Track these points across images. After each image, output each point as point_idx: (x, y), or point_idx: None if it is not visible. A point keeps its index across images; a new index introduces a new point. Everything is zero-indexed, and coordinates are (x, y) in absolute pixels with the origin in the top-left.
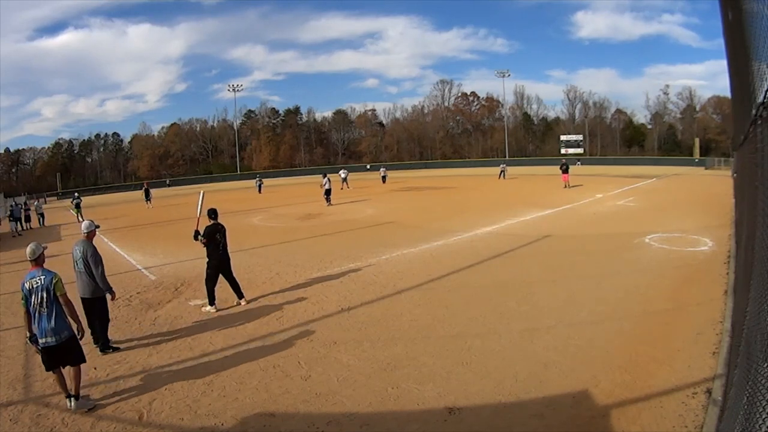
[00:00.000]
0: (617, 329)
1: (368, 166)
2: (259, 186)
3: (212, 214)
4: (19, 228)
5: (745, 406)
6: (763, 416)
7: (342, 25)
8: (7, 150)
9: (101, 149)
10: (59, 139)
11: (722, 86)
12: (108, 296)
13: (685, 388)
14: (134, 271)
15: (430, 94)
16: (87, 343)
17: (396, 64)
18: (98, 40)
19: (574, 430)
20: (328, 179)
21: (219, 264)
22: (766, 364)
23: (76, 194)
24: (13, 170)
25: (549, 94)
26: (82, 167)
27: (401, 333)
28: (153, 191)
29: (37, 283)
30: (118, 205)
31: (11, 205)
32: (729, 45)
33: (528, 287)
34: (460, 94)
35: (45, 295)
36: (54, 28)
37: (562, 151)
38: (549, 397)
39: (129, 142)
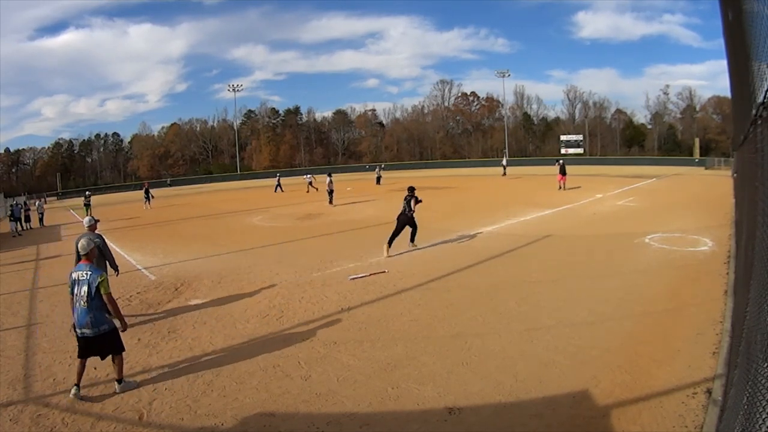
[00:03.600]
0: (617, 329)
1: (367, 166)
2: (278, 185)
3: (410, 189)
4: (19, 228)
5: (745, 406)
6: (763, 416)
7: (343, 25)
8: (7, 150)
9: (101, 149)
10: (59, 139)
11: (722, 86)
12: (115, 274)
13: (685, 388)
14: (134, 271)
15: (430, 94)
16: None
17: (397, 64)
18: (99, 40)
19: (574, 430)
20: (330, 180)
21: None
22: (766, 364)
23: (87, 193)
24: (13, 170)
25: (549, 94)
26: (82, 167)
27: (401, 333)
28: (152, 191)
29: (83, 276)
30: (118, 205)
31: (11, 205)
32: (729, 45)
33: (528, 287)
34: (460, 94)
35: (87, 290)
36: (55, 27)
37: (562, 151)
38: (549, 397)
39: (129, 142)
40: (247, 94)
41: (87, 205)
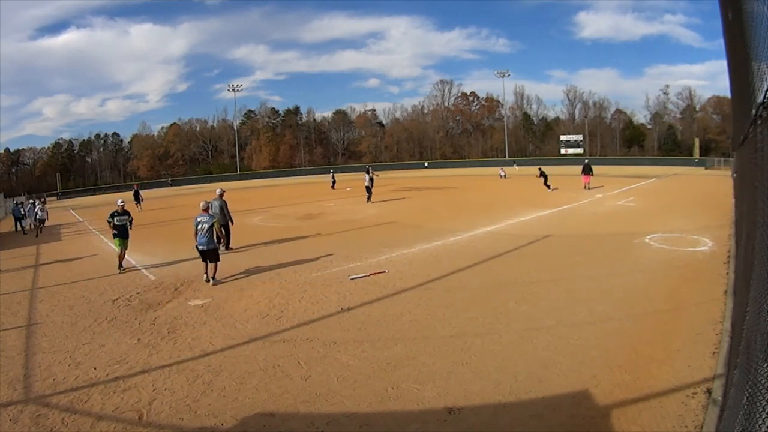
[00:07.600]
0: (617, 329)
1: (367, 167)
2: (333, 181)
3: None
4: (19, 227)
5: (745, 406)
6: (763, 416)
7: (344, 24)
8: (7, 150)
9: (101, 149)
10: (59, 139)
11: (722, 86)
12: (230, 224)
13: (685, 388)
14: (134, 271)
15: (430, 94)
16: None
17: (398, 64)
18: (100, 40)
19: (574, 430)
20: (367, 177)
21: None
22: (766, 364)
23: (116, 216)
24: (13, 170)
25: (549, 94)
26: (82, 167)
27: (401, 333)
28: (150, 191)
29: (204, 219)
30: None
31: (22, 203)
32: (729, 45)
33: (528, 287)
34: (460, 94)
35: (206, 226)
36: (56, 27)
37: (562, 151)
38: (549, 397)
39: (129, 142)
40: (247, 94)
41: (123, 235)
